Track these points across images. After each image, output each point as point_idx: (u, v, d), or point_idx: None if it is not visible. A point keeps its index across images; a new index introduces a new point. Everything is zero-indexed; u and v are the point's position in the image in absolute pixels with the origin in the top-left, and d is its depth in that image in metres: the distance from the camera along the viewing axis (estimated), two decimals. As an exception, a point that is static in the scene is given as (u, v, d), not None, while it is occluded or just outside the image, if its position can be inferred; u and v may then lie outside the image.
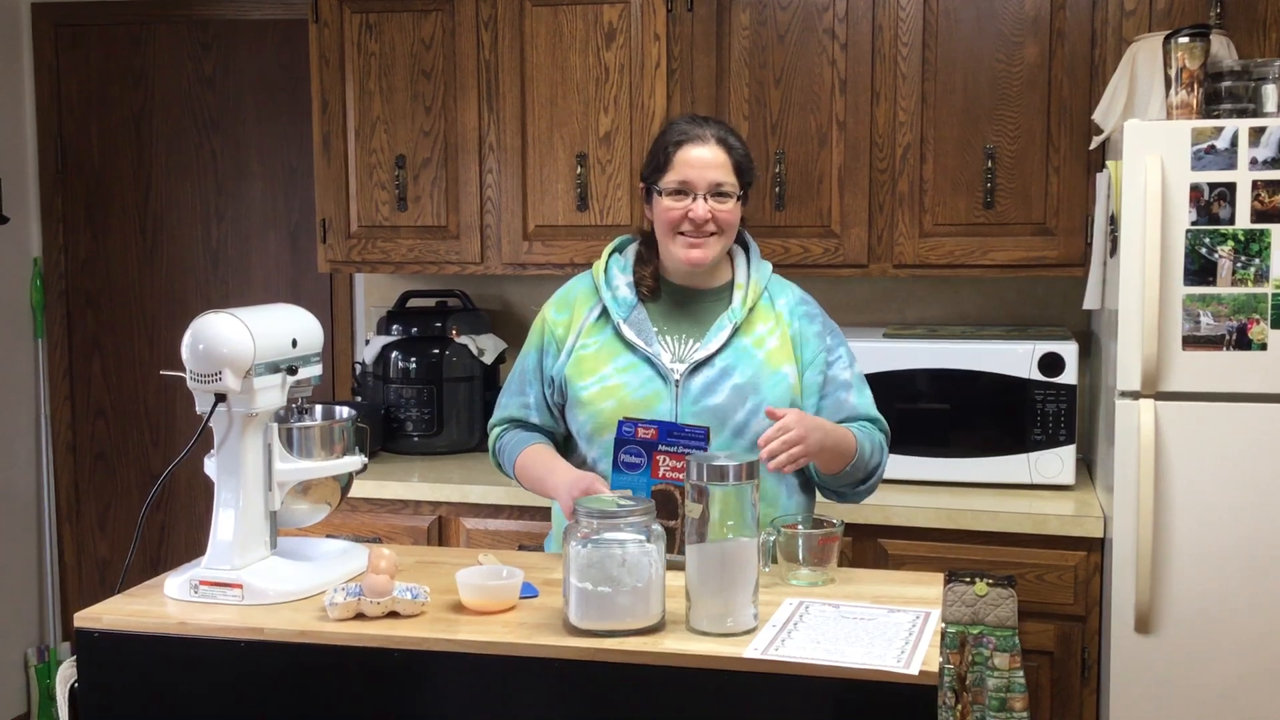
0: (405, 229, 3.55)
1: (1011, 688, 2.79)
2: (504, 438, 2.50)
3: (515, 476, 2.46)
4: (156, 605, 2.07)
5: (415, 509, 3.28)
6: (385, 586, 1.96)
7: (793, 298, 2.46)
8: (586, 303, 2.44)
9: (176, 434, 4.20)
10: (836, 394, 2.40)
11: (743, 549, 1.88)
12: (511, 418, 2.50)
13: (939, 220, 3.23)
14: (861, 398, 2.43)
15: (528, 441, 2.44)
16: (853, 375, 2.43)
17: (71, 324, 4.26)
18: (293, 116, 4.01)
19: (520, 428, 2.49)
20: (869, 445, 2.36)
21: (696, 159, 2.34)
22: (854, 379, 2.43)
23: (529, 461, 2.41)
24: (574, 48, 3.39)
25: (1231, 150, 2.60)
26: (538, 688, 1.87)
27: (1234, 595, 2.66)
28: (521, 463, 2.42)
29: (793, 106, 3.28)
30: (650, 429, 2.19)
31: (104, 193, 4.20)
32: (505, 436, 2.50)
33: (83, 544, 4.30)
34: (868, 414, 2.42)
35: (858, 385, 2.43)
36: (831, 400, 2.40)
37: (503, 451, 2.49)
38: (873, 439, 2.38)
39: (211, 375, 2.03)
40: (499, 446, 2.51)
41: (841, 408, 2.40)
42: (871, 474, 2.39)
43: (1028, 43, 3.14)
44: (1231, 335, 2.63)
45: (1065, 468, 3.07)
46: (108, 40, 4.14)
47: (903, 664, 1.75)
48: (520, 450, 2.43)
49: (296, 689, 1.97)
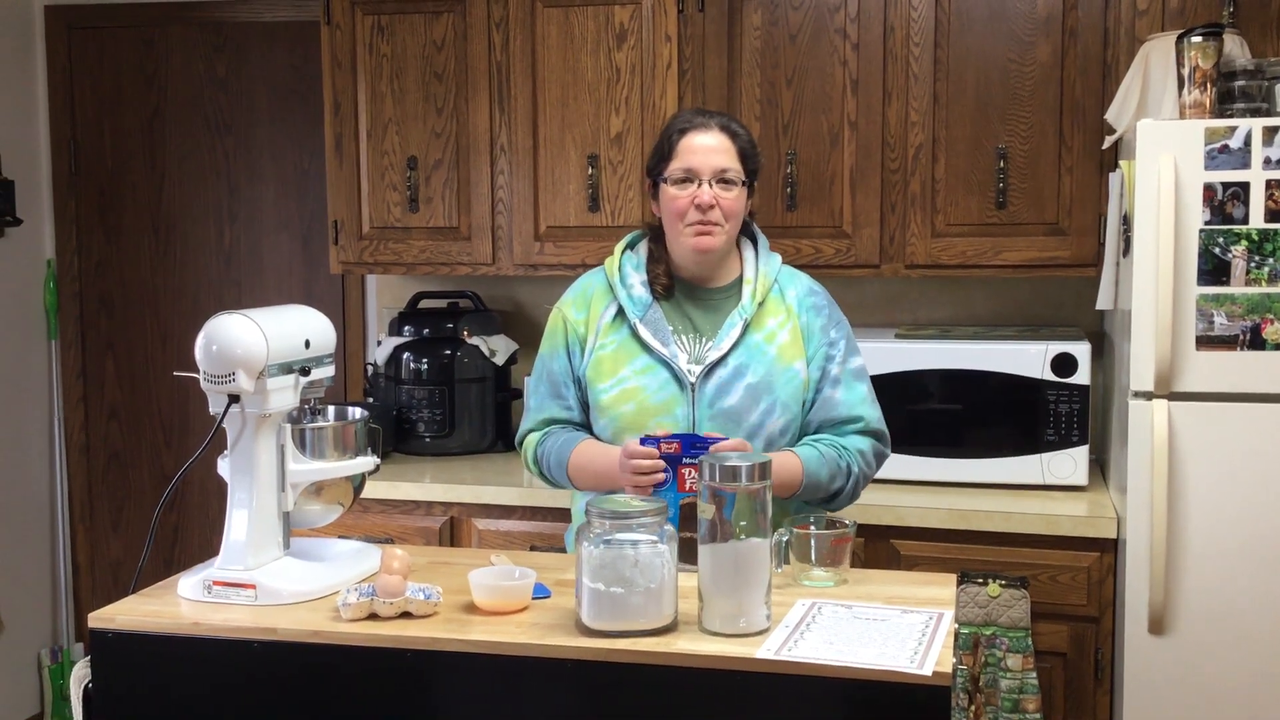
0: (417, 230, 3.56)
1: (1025, 689, 2.78)
2: (545, 442, 2.43)
3: (569, 477, 2.39)
4: (170, 606, 2.07)
5: (427, 510, 3.28)
6: (398, 587, 1.96)
7: (801, 289, 2.45)
8: (602, 301, 2.43)
9: (189, 435, 4.21)
10: (824, 390, 2.38)
11: (755, 549, 1.88)
12: (553, 419, 2.44)
13: (951, 220, 3.22)
14: (850, 394, 2.38)
15: (575, 440, 2.39)
16: (844, 370, 2.39)
17: (85, 325, 4.27)
18: (305, 118, 4.02)
19: (561, 430, 2.45)
20: (827, 472, 2.31)
21: (700, 145, 2.35)
22: (845, 374, 2.39)
23: (584, 460, 2.35)
24: (585, 49, 3.39)
25: (1245, 150, 2.59)
26: (550, 688, 1.87)
27: (1248, 596, 2.65)
28: (576, 461, 2.36)
29: (804, 107, 3.27)
30: (673, 443, 2.18)
31: (117, 195, 4.21)
32: (548, 441, 2.43)
33: (96, 545, 4.31)
34: (851, 414, 2.37)
35: (848, 381, 2.39)
36: (820, 396, 2.38)
37: (548, 456, 2.41)
38: (836, 464, 2.32)
39: (225, 376, 2.03)
40: (541, 452, 2.43)
41: (826, 405, 2.37)
42: (834, 496, 2.35)
43: (1040, 42, 3.13)
44: (1245, 335, 2.62)
45: (1078, 468, 3.06)
46: (121, 43, 4.15)
47: (916, 665, 1.75)
48: (570, 450, 2.37)
49: (309, 689, 1.97)
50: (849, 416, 2.38)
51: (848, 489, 2.36)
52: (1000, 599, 2.81)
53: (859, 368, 2.43)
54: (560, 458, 2.39)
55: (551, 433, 2.45)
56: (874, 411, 2.41)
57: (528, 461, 2.50)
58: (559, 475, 2.41)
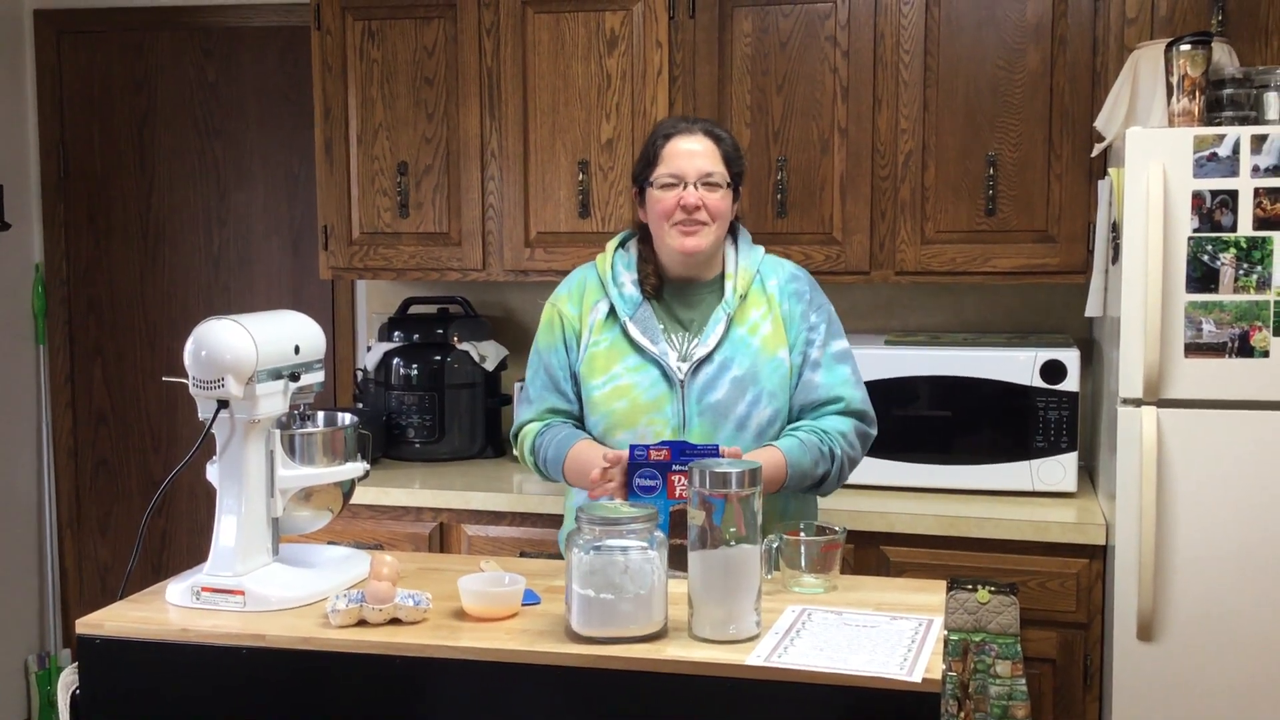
0: (407, 235, 3.56)
1: (1014, 695, 2.79)
2: (545, 433, 2.44)
3: (563, 472, 2.40)
4: (158, 612, 2.07)
5: (417, 515, 3.27)
6: (387, 593, 1.96)
7: (783, 276, 2.47)
8: (594, 297, 2.46)
9: (178, 440, 4.20)
10: (805, 374, 2.40)
11: (745, 556, 1.88)
12: (554, 409, 2.45)
13: (941, 227, 3.23)
14: (830, 376, 2.40)
15: (574, 438, 2.40)
16: (825, 354, 2.41)
17: (73, 330, 4.26)
18: (295, 123, 4.02)
19: (562, 423, 2.45)
20: (810, 459, 2.33)
21: (685, 150, 2.38)
22: (825, 357, 2.41)
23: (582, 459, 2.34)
24: (576, 55, 3.39)
25: (1233, 158, 2.60)
26: (540, 695, 1.87)
27: (1236, 602, 2.66)
28: (573, 459, 2.36)
29: (794, 113, 3.28)
30: (662, 450, 2.19)
31: (106, 199, 4.20)
32: (547, 433, 2.43)
33: (84, 550, 4.29)
34: (831, 395, 2.39)
35: (828, 363, 2.41)
36: (801, 380, 2.39)
37: (545, 448, 2.42)
38: (818, 450, 2.34)
39: (214, 381, 2.03)
40: (540, 442, 2.44)
41: (806, 388, 2.39)
42: (821, 481, 2.37)
43: (1029, 50, 3.14)
44: (1234, 343, 2.63)
45: (1067, 475, 3.07)
46: (110, 46, 4.15)
47: (905, 671, 1.75)
48: (568, 446, 2.38)
49: (298, 696, 1.96)
50: (829, 398, 2.39)
51: (833, 473, 2.38)
52: (989, 605, 2.82)
53: (841, 350, 2.44)
54: (558, 452, 2.40)
55: (552, 424, 2.46)
56: (856, 392, 2.42)
57: (524, 451, 2.50)
58: (553, 469, 2.43)
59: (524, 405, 2.53)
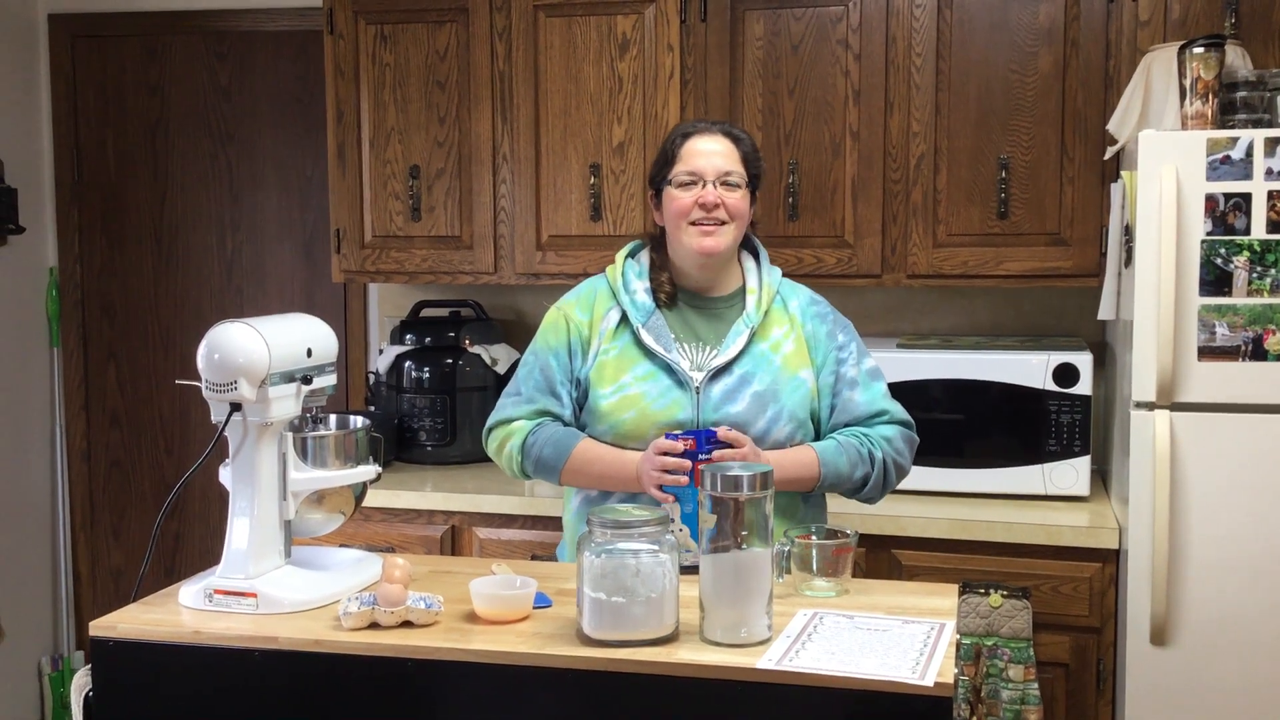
0: (419, 239, 3.56)
1: (1026, 700, 2.78)
2: (540, 431, 2.37)
3: (564, 471, 2.35)
4: (171, 614, 2.07)
5: (429, 518, 3.28)
6: (399, 596, 1.96)
7: (804, 299, 2.46)
8: (605, 305, 2.43)
9: (191, 443, 4.21)
10: (843, 393, 2.39)
11: (757, 559, 1.88)
12: (547, 411, 2.39)
13: (953, 230, 3.22)
14: (868, 393, 2.40)
15: (578, 436, 2.36)
16: (860, 371, 2.41)
17: (87, 333, 4.27)
18: (308, 127, 4.03)
19: (554, 423, 2.40)
20: (846, 460, 2.33)
21: (704, 149, 2.37)
22: (861, 375, 2.41)
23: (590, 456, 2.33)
24: (588, 58, 3.40)
25: (1247, 160, 2.59)
26: (551, 698, 1.86)
27: (1250, 607, 2.65)
28: (579, 458, 2.33)
29: (806, 117, 3.28)
30: (689, 439, 2.21)
31: (120, 203, 4.22)
32: (543, 431, 2.37)
33: (97, 553, 4.31)
34: (873, 410, 2.39)
35: (864, 381, 2.41)
36: (840, 400, 2.39)
37: (542, 445, 2.36)
38: (857, 451, 2.34)
39: (227, 385, 2.03)
40: (534, 440, 2.37)
41: (848, 407, 2.39)
42: (864, 483, 2.37)
43: (1042, 53, 3.13)
44: (1247, 346, 2.62)
45: (1080, 479, 3.06)
46: (124, 51, 4.16)
47: (918, 675, 1.75)
48: (573, 444, 2.34)
49: (310, 698, 1.97)
50: (873, 412, 2.40)
51: (874, 476, 2.36)
52: (1002, 609, 2.81)
53: (873, 368, 2.45)
54: (560, 449, 2.34)
55: (545, 424, 2.39)
56: (895, 405, 2.43)
57: (506, 448, 2.41)
58: (550, 468, 2.36)
59: (510, 402, 2.43)
